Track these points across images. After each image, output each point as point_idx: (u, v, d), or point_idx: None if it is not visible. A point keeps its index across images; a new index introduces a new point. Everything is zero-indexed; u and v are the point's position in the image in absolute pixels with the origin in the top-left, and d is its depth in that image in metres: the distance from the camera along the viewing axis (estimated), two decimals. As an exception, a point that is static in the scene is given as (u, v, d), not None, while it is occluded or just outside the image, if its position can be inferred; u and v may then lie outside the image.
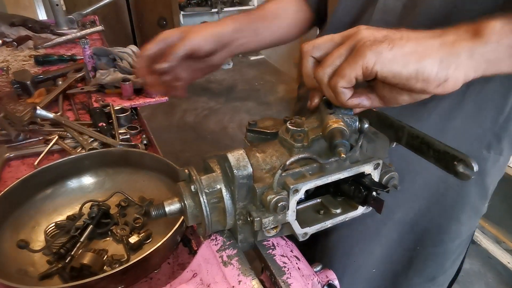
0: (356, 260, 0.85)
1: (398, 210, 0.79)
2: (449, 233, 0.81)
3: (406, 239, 0.82)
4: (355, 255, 0.85)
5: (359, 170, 0.47)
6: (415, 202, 0.78)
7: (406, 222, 0.80)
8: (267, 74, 4.68)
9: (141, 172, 0.92)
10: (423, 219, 0.79)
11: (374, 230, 0.82)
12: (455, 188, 0.75)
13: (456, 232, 0.81)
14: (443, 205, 0.77)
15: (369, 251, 0.84)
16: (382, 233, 0.82)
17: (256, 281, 0.45)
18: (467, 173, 0.44)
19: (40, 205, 0.83)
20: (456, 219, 0.79)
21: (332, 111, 0.49)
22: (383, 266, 0.86)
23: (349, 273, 0.86)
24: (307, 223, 0.48)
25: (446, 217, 0.79)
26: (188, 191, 0.47)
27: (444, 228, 0.80)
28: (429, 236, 0.81)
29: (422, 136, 0.50)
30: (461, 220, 0.79)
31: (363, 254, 0.85)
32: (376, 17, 0.65)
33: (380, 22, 0.65)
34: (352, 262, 0.85)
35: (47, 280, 0.69)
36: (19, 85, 1.32)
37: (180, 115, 3.73)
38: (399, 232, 0.81)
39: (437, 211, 0.78)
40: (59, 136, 1.06)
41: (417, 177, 0.74)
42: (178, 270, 0.75)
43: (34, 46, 1.80)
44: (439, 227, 0.80)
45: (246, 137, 0.58)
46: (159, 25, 4.27)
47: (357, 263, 0.85)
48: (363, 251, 0.84)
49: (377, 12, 0.65)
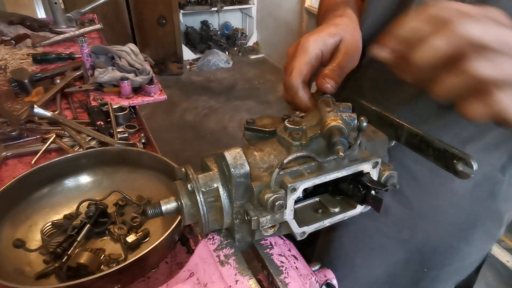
0: (357, 271, 0.82)
1: (406, 228, 0.76)
2: (459, 254, 0.77)
3: (413, 260, 0.78)
4: (356, 265, 0.82)
5: (358, 168, 0.46)
6: (425, 222, 0.75)
7: (413, 241, 0.76)
8: (267, 73, 4.67)
9: (139, 171, 0.91)
10: (432, 240, 0.76)
11: (378, 245, 0.79)
12: (467, 210, 0.72)
13: (466, 253, 0.77)
14: (453, 227, 0.74)
15: (371, 264, 0.81)
16: (388, 249, 0.79)
17: (253, 281, 0.45)
18: (466, 171, 0.44)
19: (37, 204, 0.83)
20: (466, 240, 0.76)
21: (330, 109, 0.48)
22: (386, 285, 0.82)
23: (350, 282, 0.83)
24: (305, 222, 0.48)
25: (456, 239, 0.76)
26: (184, 190, 0.47)
27: (454, 249, 0.77)
28: (438, 257, 0.77)
29: (422, 134, 0.49)
30: (472, 242, 0.76)
31: (365, 265, 0.81)
32: None
33: None
34: (352, 272, 0.82)
35: (43, 280, 0.68)
36: (16, 84, 1.31)
37: (180, 114, 3.72)
38: (405, 251, 0.78)
39: (447, 233, 0.75)
40: (57, 135, 1.06)
41: (429, 198, 0.72)
42: (176, 269, 0.75)
43: (32, 45, 1.79)
44: (448, 248, 0.77)
45: (244, 135, 0.58)
46: (158, 23, 4.26)
47: (358, 274, 0.82)
48: (365, 263, 0.81)
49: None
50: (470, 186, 0.69)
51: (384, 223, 0.76)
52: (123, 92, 1.31)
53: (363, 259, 0.81)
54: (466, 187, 0.69)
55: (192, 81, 4.44)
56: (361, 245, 0.81)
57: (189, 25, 4.93)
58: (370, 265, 0.81)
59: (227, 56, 4.84)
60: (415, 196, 0.73)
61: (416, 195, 0.72)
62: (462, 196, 0.70)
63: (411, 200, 0.73)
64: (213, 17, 5.06)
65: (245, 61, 5.00)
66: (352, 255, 0.82)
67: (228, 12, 5.06)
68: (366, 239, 0.80)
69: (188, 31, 4.92)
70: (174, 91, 4.13)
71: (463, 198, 0.70)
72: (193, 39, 4.93)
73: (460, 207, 0.72)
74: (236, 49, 5.14)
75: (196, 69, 4.66)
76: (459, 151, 0.44)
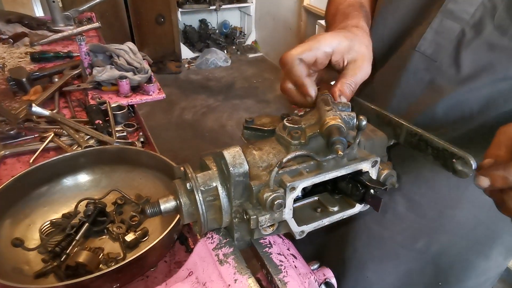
0: (369, 276, 0.80)
1: (421, 239, 0.73)
2: (476, 269, 0.74)
3: (428, 273, 0.76)
4: (369, 271, 0.80)
5: (357, 167, 0.46)
6: (440, 234, 0.72)
7: (429, 253, 0.74)
8: (265, 72, 4.67)
9: (137, 170, 0.91)
10: (448, 253, 0.73)
11: (392, 253, 0.77)
12: (486, 223, 0.69)
13: (484, 269, 0.75)
14: (471, 240, 0.71)
15: (383, 272, 0.79)
16: (401, 259, 0.76)
17: (252, 280, 0.45)
18: (465, 171, 0.44)
19: (35, 203, 0.82)
20: (485, 256, 0.73)
21: (329, 108, 0.48)
22: None
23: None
24: (304, 221, 0.48)
25: (474, 253, 0.73)
26: (183, 189, 0.47)
27: (471, 264, 0.74)
28: (454, 272, 0.75)
29: (421, 133, 0.49)
30: (490, 257, 0.73)
31: (377, 273, 0.80)
32: (429, 36, 0.61)
33: (433, 43, 0.61)
34: (364, 277, 0.80)
35: (42, 279, 0.68)
36: (14, 82, 1.31)
37: (178, 113, 3.71)
38: (420, 262, 0.75)
39: (464, 246, 0.72)
40: (55, 134, 1.06)
41: (445, 209, 0.70)
42: (175, 268, 0.75)
43: (30, 43, 1.79)
44: (465, 262, 0.74)
45: (243, 134, 0.58)
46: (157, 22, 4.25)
47: (370, 280, 0.80)
48: (377, 270, 0.79)
49: (430, 32, 0.60)
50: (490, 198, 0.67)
51: (398, 232, 0.75)
52: (122, 90, 1.30)
53: (376, 266, 0.79)
54: (486, 199, 0.66)
55: (191, 79, 4.43)
56: (374, 252, 0.79)
57: (188, 23, 4.92)
58: (382, 272, 0.79)
59: (225, 54, 4.83)
60: (432, 206, 0.70)
61: (432, 205, 0.70)
62: (481, 208, 0.68)
63: (427, 210, 0.71)
64: (212, 16, 5.05)
65: (244, 60, 4.99)
66: (365, 261, 0.80)
67: (226, 11, 5.04)
68: (380, 246, 0.78)
69: (187, 29, 4.91)
70: (173, 89, 4.12)
71: (482, 211, 0.68)
72: (191, 38, 4.91)
73: (479, 219, 0.69)
74: (234, 47, 5.13)
75: (195, 68, 4.65)
76: (458, 150, 0.44)
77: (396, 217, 0.74)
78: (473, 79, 0.58)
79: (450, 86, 0.60)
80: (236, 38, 5.19)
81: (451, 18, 0.59)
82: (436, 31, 0.60)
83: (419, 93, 0.65)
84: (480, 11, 0.56)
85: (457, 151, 0.45)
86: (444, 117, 0.62)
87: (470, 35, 0.58)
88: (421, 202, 0.71)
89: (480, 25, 0.57)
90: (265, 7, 4.79)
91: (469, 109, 0.60)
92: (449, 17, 0.59)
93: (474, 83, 0.58)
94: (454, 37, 0.59)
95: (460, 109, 0.61)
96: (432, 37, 0.61)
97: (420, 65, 0.63)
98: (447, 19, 0.59)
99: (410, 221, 0.73)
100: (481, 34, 0.57)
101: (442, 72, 0.61)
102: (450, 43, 0.60)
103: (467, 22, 0.58)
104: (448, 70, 0.60)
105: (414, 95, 0.66)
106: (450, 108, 0.61)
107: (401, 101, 0.68)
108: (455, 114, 0.61)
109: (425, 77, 0.63)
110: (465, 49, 0.58)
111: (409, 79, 0.65)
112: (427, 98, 0.64)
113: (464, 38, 0.58)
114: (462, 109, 0.60)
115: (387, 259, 0.78)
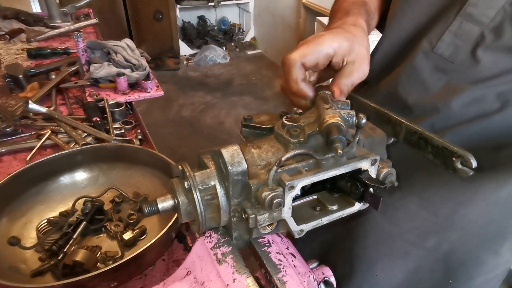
0: (378, 275, 0.80)
1: (431, 237, 0.73)
2: (486, 266, 0.75)
3: (438, 270, 0.76)
4: (378, 269, 0.80)
5: (356, 166, 0.46)
6: (452, 232, 0.72)
7: (439, 251, 0.74)
8: (264, 69, 4.66)
9: (135, 167, 0.91)
10: (459, 251, 0.73)
11: (402, 251, 0.76)
12: (498, 220, 0.69)
13: (493, 265, 0.75)
14: (482, 238, 0.71)
15: (392, 270, 0.79)
16: (411, 257, 0.76)
17: (251, 279, 0.45)
18: (465, 169, 0.44)
19: (32, 201, 0.82)
20: (495, 253, 0.73)
21: (328, 106, 0.47)
22: None
23: (369, 286, 0.82)
24: (303, 220, 0.47)
25: (485, 250, 0.73)
26: (181, 187, 0.46)
27: (482, 261, 0.74)
28: (464, 269, 0.75)
29: (420, 131, 0.49)
30: (500, 253, 0.73)
31: (386, 270, 0.79)
32: (447, 39, 0.62)
33: (451, 45, 0.62)
34: (373, 275, 0.80)
35: (39, 278, 0.68)
36: (11, 79, 1.30)
37: (176, 110, 3.70)
38: (430, 261, 0.75)
39: (475, 244, 0.72)
40: (52, 131, 1.05)
41: (458, 206, 0.69)
42: (173, 266, 0.75)
43: (27, 39, 1.77)
44: (476, 260, 0.74)
45: (242, 132, 0.57)
46: (155, 18, 4.22)
47: (378, 278, 0.80)
48: (386, 268, 0.79)
49: (448, 34, 0.61)
50: (503, 196, 0.66)
51: (409, 230, 0.74)
52: (119, 87, 1.29)
53: (385, 264, 0.79)
54: (499, 196, 0.67)
55: (189, 76, 4.42)
56: (384, 250, 0.78)
57: (186, 20, 4.89)
58: (391, 270, 0.79)
59: (224, 51, 4.81)
60: (444, 204, 0.70)
61: (444, 203, 0.70)
62: (493, 205, 0.67)
63: (439, 208, 0.70)
64: (210, 12, 5.02)
65: (242, 57, 4.97)
66: (374, 259, 0.80)
67: (225, 7, 5.02)
68: (390, 244, 0.77)
69: (185, 26, 4.88)
70: (171, 86, 4.11)
71: (495, 208, 0.68)
72: (190, 34, 4.89)
73: (491, 217, 0.69)
74: (233, 44, 5.11)
75: (193, 65, 4.64)
76: (458, 149, 0.44)
77: (407, 215, 0.74)
78: (492, 80, 0.60)
79: (466, 85, 0.61)
80: (235, 35, 5.17)
81: (471, 21, 0.59)
82: (455, 33, 0.61)
83: (435, 92, 0.65)
84: (501, 15, 0.57)
85: (457, 149, 0.44)
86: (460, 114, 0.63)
87: (490, 38, 0.59)
88: (434, 199, 0.71)
89: (500, 28, 0.57)
90: (264, 4, 4.77)
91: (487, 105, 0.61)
92: (469, 20, 0.60)
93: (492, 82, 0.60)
94: (473, 39, 0.60)
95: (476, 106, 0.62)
96: (450, 40, 0.62)
97: (437, 66, 0.64)
98: (466, 22, 0.60)
99: (421, 219, 0.73)
100: (502, 38, 0.58)
101: (459, 73, 0.62)
102: (469, 46, 0.60)
103: (487, 25, 0.58)
104: (466, 71, 0.61)
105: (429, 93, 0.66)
106: (467, 104, 0.62)
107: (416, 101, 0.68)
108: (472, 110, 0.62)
109: (442, 78, 0.64)
110: (484, 51, 0.59)
111: (425, 79, 0.66)
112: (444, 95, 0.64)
113: (484, 41, 0.59)
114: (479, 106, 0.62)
115: (396, 257, 0.78)
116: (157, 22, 4.25)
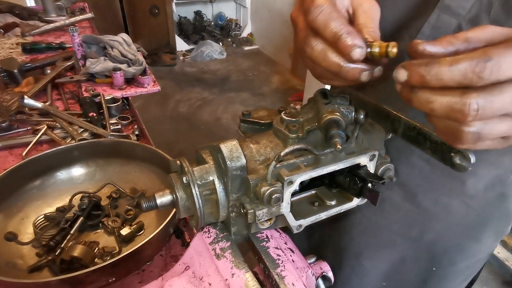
0: (365, 264, 0.83)
1: (415, 227, 0.76)
2: (468, 252, 0.78)
3: (422, 258, 0.79)
4: (365, 259, 0.83)
5: (355, 161, 0.46)
6: (434, 222, 0.75)
7: (423, 240, 0.77)
8: (261, 65, 4.64)
9: (132, 163, 0.90)
10: (442, 240, 0.77)
11: (388, 242, 0.80)
12: (476, 210, 0.72)
13: (475, 251, 0.78)
14: (464, 226, 0.75)
15: (379, 260, 0.82)
16: (397, 247, 0.79)
17: (249, 274, 0.45)
18: (464, 164, 0.44)
19: (28, 196, 0.81)
20: (477, 240, 0.77)
21: (327, 101, 0.47)
22: (395, 282, 0.84)
23: (358, 276, 0.85)
24: (301, 215, 0.48)
25: (466, 238, 0.76)
26: (180, 182, 0.46)
27: (464, 248, 0.78)
28: (447, 256, 0.78)
29: (419, 127, 0.49)
30: (481, 240, 0.77)
31: (373, 260, 0.82)
32: (426, 31, 0.61)
33: (429, 38, 0.59)
34: (360, 265, 0.83)
35: (36, 273, 0.68)
36: (6, 74, 1.28)
37: (173, 106, 3.69)
38: (414, 250, 0.79)
39: (457, 232, 0.76)
40: (48, 126, 1.04)
41: (439, 198, 0.72)
42: (170, 262, 0.75)
43: (22, 34, 1.75)
44: (458, 247, 0.77)
45: (240, 127, 0.57)
46: (151, 13, 4.19)
47: (365, 268, 0.83)
48: (373, 257, 0.82)
49: (427, 27, 0.61)
50: (481, 187, 0.69)
51: (394, 221, 0.77)
52: (116, 83, 1.28)
53: (372, 254, 0.82)
54: (478, 188, 0.69)
55: (186, 72, 4.40)
56: (370, 240, 0.81)
57: (183, 15, 4.86)
58: (378, 260, 0.82)
59: (221, 47, 4.79)
60: (426, 195, 0.73)
61: (427, 195, 0.72)
62: (473, 196, 0.70)
63: (421, 200, 0.73)
64: (207, 8, 4.99)
65: (239, 53, 4.96)
66: (362, 250, 0.83)
67: (222, 2, 4.99)
68: (376, 235, 0.80)
69: (182, 21, 4.85)
70: (167, 82, 4.09)
71: (474, 199, 0.71)
72: (186, 30, 4.86)
73: (471, 207, 0.72)
74: (230, 40, 5.09)
75: (190, 60, 4.61)
76: (457, 144, 0.44)
77: (393, 206, 0.76)
78: None
79: None
80: (232, 31, 5.15)
81: (448, 13, 0.59)
82: (433, 26, 0.61)
83: None
84: (476, 7, 0.57)
85: (455, 145, 0.44)
86: None
87: (467, 29, 0.58)
88: (417, 192, 0.73)
89: (477, 20, 0.58)
90: (261, -1, 4.76)
91: None
92: (446, 12, 0.60)
93: None
94: (451, 31, 0.60)
95: None
96: (429, 32, 0.62)
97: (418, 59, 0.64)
98: (444, 14, 0.60)
99: (405, 210, 0.75)
100: None
101: None
102: None
103: (463, 17, 0.58)
104: None
105: None
106: None
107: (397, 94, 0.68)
108: None
109: None
110: None
111: None
112: None
113: None
114: None
115: (383, 247, 0.81)
116: (154, 17, 4.22)
